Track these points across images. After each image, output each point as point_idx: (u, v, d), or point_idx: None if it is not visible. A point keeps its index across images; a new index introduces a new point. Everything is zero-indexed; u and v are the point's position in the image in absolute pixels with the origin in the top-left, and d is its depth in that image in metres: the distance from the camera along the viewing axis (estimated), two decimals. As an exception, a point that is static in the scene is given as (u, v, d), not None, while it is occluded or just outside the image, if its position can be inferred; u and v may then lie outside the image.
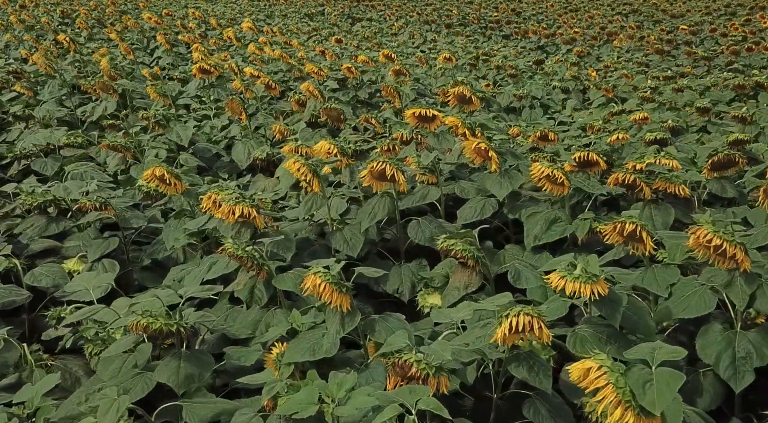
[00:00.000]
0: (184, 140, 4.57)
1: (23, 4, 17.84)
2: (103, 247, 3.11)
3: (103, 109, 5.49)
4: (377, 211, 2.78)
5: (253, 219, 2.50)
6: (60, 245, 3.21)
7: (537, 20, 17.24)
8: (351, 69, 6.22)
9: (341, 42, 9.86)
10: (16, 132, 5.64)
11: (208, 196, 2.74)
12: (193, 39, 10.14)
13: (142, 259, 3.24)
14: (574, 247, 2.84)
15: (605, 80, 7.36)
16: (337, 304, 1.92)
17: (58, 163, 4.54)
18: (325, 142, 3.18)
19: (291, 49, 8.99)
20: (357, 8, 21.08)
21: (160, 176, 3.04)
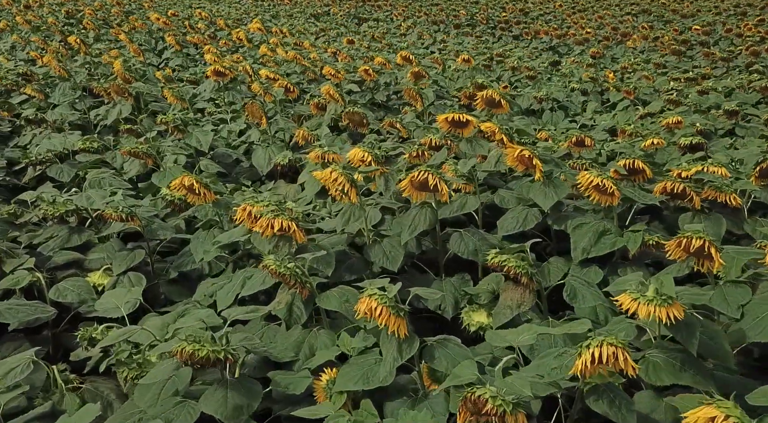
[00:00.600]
0: (204, 146, 4.44)
1: (28, 4, 17.73)
2: (128, 260, 2.99)
3: (118, 112, 5.36)
4: (418, 223, 2.65)
5: (292, 233, 2.37)
6: (83, 258, 3.08)
7: (545, 20, 17.10)
8: (368, 71, 6.10)
9: (353, 43, 9.74)
10: (29, 136, 5.52)
11: (243, 207, 2.61)
12: (202, 40, 10.02)
13: (169, 271, 3.11)
14: (623, 260, 2.71)
15: (626, 82, 7.22)
16: (394, 328, 1.79)
17: (75, 170, 4.42)
18: (358, 150, 3.06)
19: (303, 51, 8.86)
20: (363, 8, 20.94)
21: (189, 186, 2.92)
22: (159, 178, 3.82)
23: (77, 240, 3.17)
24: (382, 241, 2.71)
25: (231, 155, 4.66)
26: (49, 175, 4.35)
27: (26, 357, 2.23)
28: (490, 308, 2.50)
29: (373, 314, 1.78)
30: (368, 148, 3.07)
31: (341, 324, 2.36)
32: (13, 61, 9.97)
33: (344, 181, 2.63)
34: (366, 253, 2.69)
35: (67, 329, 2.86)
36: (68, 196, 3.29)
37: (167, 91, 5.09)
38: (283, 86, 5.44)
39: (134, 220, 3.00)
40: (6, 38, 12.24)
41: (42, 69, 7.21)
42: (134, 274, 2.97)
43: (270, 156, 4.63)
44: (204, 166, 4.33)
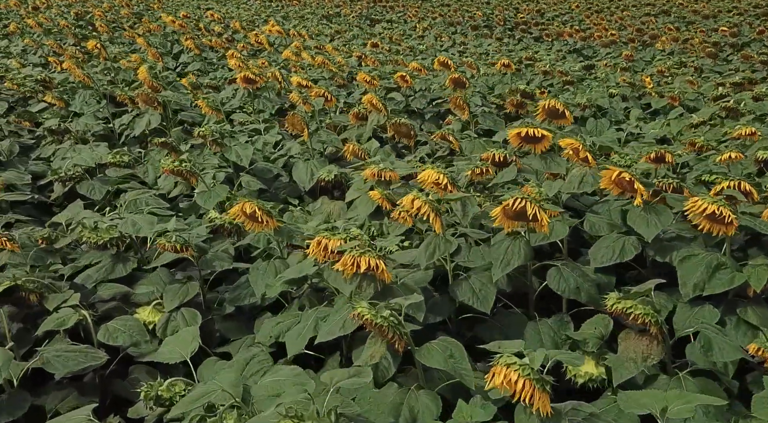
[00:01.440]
0: (245, 161, 4.16)
1: (35, 6, 17.49)
2: (180, 295, 2.71)
3: (146, 123, 5.08)
4: (511, 258, 2.37)
5: (380, 273, 2.09)
6: (131, 291, 2.80)
7: (561, 21, 16.80)
8: (405, 77, 5.81)
9: (377, 46, 9.45)
10: (51, 148, 5.25)
11: (318, 241, 2.32)
12: (221, 43, 9.74)
13: (224, 306, 2.83)
14: (741, 298, 2.42)
15: (668, 87, 6.93)
16: (539, 405, 1.50)
17: (107, 186, 4.14)
18: (432, 171, 2.77)
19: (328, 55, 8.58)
20: (374, 9, 20.66)
21: (250, 213, 2.64)
22: (204, 199, 3.53)
23: (122, 270, 2.89)
24: (470, 277, 2.42)
25: (271, 170, 4.38)
26: (80, 192, 4.08)
27: (82, 416, 1.96)
28: (598, 357, 2.22)
29: (513, 388, 1.50)
30: (442, 169, 2.78)
31: (434, 377, 2.08)
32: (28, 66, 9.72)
33: (429, 211, 2.34)
34: (452, 291, 2.40)
35: (115, 372, 2.59)
36: (111, 222, 3.01)
37: (201, 101, 4.80)
38: (320, 95, 5.15)
39: (188, 251, 2.72)
40: (16, 41, 11.99)
41: (60, 75, 6.94)
42: (188, 311, 2.69)
43: (312, 171, 4.34)
44: (245, 182, 4.05)
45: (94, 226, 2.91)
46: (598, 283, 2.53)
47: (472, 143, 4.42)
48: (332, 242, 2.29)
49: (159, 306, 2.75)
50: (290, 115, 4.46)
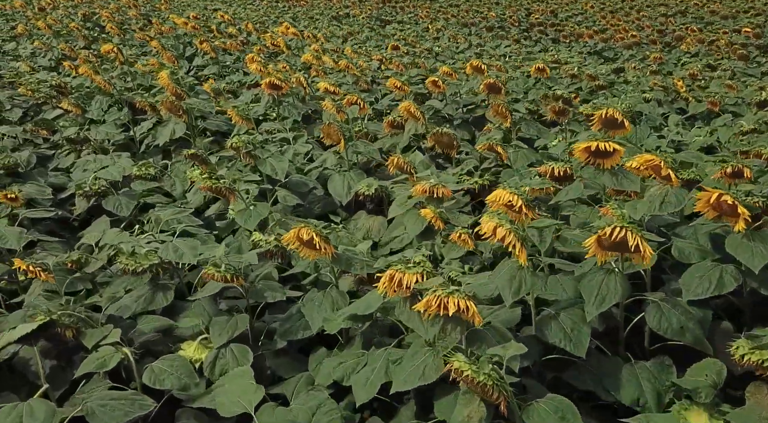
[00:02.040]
0: (280, 174, 3.91)
1: (42, 7, 17.27)
2: (229, 328, 2.46)
3: (171, 132, 4.83)
4: (606, 294, 2.11)
5: (471, 316, 1.84)
6: (174, 324, 2.55)
7: (576, 22, 16.54)
8: (437, 82, 5.55)
9: (398, 49, 9.20)
10: (70, 158, 5.01)
11: (390, 275, 2.07)
12: (236, 46, 9.50)
13: (275, 340, 2.58)
14: None
15: (706, 92, 6.67)
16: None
17: (133, 201, 3.90)
18: (504, 191, 2.51)
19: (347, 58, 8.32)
20: (383, 10, 20.41)
21: (307, 240, 2.39)
22: (244, 218, 3.28)
23: (162, 300, 2.64)
24: (558, 314, 2.16)
25: (306, 183, 4.13)
26: (106, 208, 3.83)
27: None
28: (712, 408, 1.97)
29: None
30: (516, 190, 2.53)
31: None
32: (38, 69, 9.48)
33: (515, 242, 2.09)
34: (538, 330, 2.15)
35: (160, 417, 2.34)
36: (148, 244, 2.76)
37: (231, 110, 4.55)
38: (353, 102, 4.90)
39: (239, 281, 2.47)
40: (24, 44, 11.76)
41: (75, 80, 6.70)
42: (238, 347, 2.45)
43: (349, 184, 4.10)
44: (281, 197, 3.80)
45: (132, 252, 2.66)
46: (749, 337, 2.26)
47: (517, 154, 4.17)
48: (407, 277, 2.04)
49: (205, 341, 2.50)
50: (326, 124, 4.21)
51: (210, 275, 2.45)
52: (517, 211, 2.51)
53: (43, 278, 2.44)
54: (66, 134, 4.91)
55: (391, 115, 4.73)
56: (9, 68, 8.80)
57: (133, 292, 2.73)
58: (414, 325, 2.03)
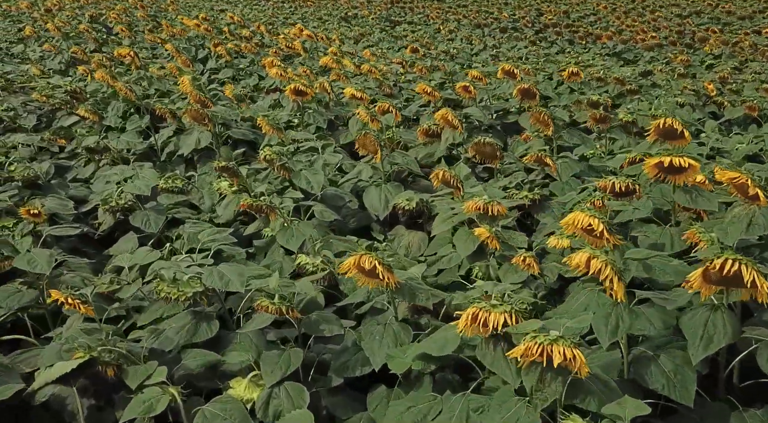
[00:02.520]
0: (316, 187, 3.71)
1: (48, 8, 17.09)
2: (282, 365, 2.25)
3: (196, 141, 4.63)
4: (713, 334, 1.90)
5: (579, 367, 1.63)
6: (222, 360, 2.35)
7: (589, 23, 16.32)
8: (468, 88, 5.35)
9: (417, 52, 8.98)
10: (90, 168, 4.81)
11: (473, 313, 1.86)
12: (250, 48, 9.29)
13: (330, 376, 2.37)
14: None
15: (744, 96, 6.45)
16: None
17: (162, 217, 3.70)
18: (583, 215, 2.30)
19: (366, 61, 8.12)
20: (392, 10, 20.20)
21: (369, 270, 2.18)
22: (286, 238, 3.07)
23: (206, 331, 2.43)
24: (658, 356, 1.95)
25: (342, 197, 3.92)
26: (133, 224, 3.63)
27: None
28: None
29: None
30: (596, 213, 2.32)
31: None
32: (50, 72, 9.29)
33: (612, 275, 1.88)
34: (637, 374, 1.94)
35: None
36: (187, 268, 2.55)
37: (261, 119, 4.33)
38: (385, 110, 4.70)
39: (293, 313, 2.27)
40: (33, 46, 11.56)
41: (91, 85, 6.49)
42: (292, 386, 2.24)
43: (387, 197, 3.89)
44: (318, 212, 3.59)
45: (172, 278, 2.46)
46: None
47: (563, 165, 3.96)
48: (494, 317, 1.83)
49: (256, 378, 2.29)
50: (362, 135, 4.01)
51: (263, 308, 2.24)
52: (598, 236, 2.30)
53: (82, 311, 2.23)
54: (86, 143, 4.70)
55: (426, 123, 4.52)
56: (19, 72, 8.61)
57: (172, 320, 2.52)
58: (500, 371, 1.82)
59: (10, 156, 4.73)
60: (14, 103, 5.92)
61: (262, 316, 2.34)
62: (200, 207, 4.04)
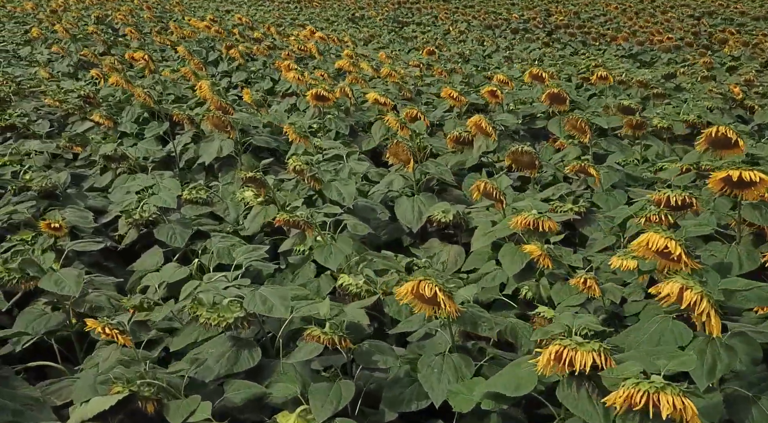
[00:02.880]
0: (348, 199, 3.54)
1: (54, 9, 16.95)
2: (333, 399, 2.08)
3: (218, 149, 4.46)
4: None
5: (691, 418, 1.46)
6: (268, 392, 2.18)
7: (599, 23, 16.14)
8: (495, 93, 5.18)
9: (433, 54, 8.82)
10: (107, 177, 4.64)
11: (556, 351, 1.69)
12: (262, 51, 9.13)
13: (382, 410, 2.20)
14: None
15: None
16: None
17: (188, 230, 3.53)
18: (657, 236, 2.13)
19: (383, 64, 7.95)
20: (400, 11, 20.02)
21: (430, 297, 2.01)
22: (324, 256, 2.91)
23: (248, 361, 2.27)
24: (759, 398, 1.78)
25: (373, 208, 3.75)
26: (158, 238, 3.46)
27: None
28: None
29: None
30: (671, 234, 2.15)
31: None
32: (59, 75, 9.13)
33: (708, 309, 1.71)
34: (736, 418, 1.77)
35: None
36: (225, 291, 2.39)
37: (288, 126, 4.17)
38: (413, 116, 4.53)
39: (345, 343, 2.10)
40: (40, 48, 11.41)
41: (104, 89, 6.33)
42: (344, 422, 2.07)
43: (420, 209, 3.73)
44: (351, 226, 3.41)
45: (212, 304, 2.29)
46: None
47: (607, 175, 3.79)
48: (581, 356, 1.66)
49: (304, 413, 2.12)
50: (393, 143, 3.84)
51: (314, 337, 2.07)
52: (675, 259, 2.14)
53: (120, 342, 2.07)
54: (103, 151, 4.53)
55: (456, 130, 4.35)
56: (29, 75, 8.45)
57: (210, 345, 2.36)
58: (586, 415, 1.65)
59: (25, 163, 4.58)
60: (26, 108, 5.75)
61: (311, 345, 2.18)
62: (225, 218, 3.87)
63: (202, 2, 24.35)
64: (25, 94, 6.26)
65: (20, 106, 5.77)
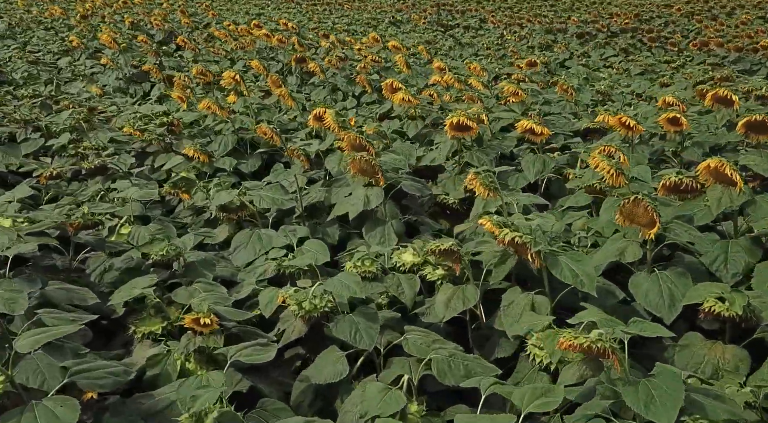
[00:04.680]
0: (588, 285, 2.63)
1: (84, 14, 16.18)
2: None
3: (364, 201, 3.57)
4: None
5: None
6: None
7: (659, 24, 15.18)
8: (678, 120, 4.26)
9: (535, 65, 7.86)
10: (222, 232, 3.77)
11: None
12: (334, 63, 8.23)
13: None
14: None
15: None
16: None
17: (377, 326, 2.63)
18: None
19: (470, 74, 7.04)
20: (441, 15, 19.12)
21: None
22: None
23: None
24: None
25: (613, 293, 2.85)
26: (337, 336, 2.55)
27: None
28: None
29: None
30: None
31: None
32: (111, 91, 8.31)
33: None
34: None
35: None
36: None
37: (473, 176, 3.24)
38: (610, 153, 3.63)
39: None
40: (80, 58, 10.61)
41: (188, 114, 5.46)
42: None
43: (671, 291, 2.82)
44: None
45: None
46: None
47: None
48: None
49: None
50: (627, 202, 2.93)
51: None
52: None
53: None
54: (220, 200, 3.64)
55: (672, 176, 3.44)
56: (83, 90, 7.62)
57: None
58: None
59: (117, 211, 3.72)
60: (102, 138, 4.89)
61: None
62: (401, 299, 2.98)
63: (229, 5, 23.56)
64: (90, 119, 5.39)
65: (95, 137, 4.92)
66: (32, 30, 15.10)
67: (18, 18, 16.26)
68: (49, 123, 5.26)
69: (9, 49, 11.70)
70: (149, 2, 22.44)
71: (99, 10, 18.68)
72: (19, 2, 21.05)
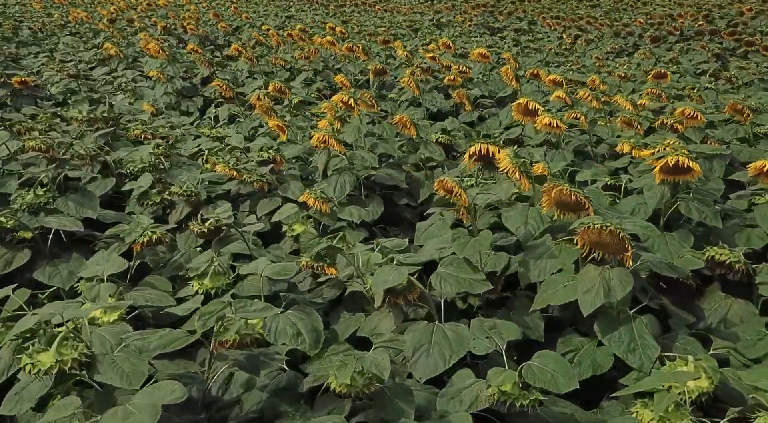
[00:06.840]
0: None
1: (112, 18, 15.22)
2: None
3: (596, 293, 2.56)
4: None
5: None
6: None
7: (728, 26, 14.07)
8: None
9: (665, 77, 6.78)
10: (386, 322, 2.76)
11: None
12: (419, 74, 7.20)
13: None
14: None
15: None
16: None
17: None
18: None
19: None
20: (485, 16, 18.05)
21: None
22: None
23: None
24: None
25: None
26: None
27: None
28: None
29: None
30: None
31: None
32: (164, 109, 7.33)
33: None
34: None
35: None
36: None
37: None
38: None
39: None
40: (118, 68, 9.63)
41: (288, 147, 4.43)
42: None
43: None
44: None
45: None
46: None
47: None
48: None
49: None
50: None
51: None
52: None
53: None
54: (385, 282, 2.62)
55: None
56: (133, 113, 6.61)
57: None
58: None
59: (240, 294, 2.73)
60: (190, 180, 3.87)
61: None
62: None
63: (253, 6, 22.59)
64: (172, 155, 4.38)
65: (178, 180, 3.89)
66: (57, 35, 14.17)
67: (41, 23, 15.31)
68: (117, 158, 4.27)
69: (37, 57, 10.75)
70: (173, 4, 21.53)
71: (124, 13, 17.78)
72: (35, 5, 20.15)
